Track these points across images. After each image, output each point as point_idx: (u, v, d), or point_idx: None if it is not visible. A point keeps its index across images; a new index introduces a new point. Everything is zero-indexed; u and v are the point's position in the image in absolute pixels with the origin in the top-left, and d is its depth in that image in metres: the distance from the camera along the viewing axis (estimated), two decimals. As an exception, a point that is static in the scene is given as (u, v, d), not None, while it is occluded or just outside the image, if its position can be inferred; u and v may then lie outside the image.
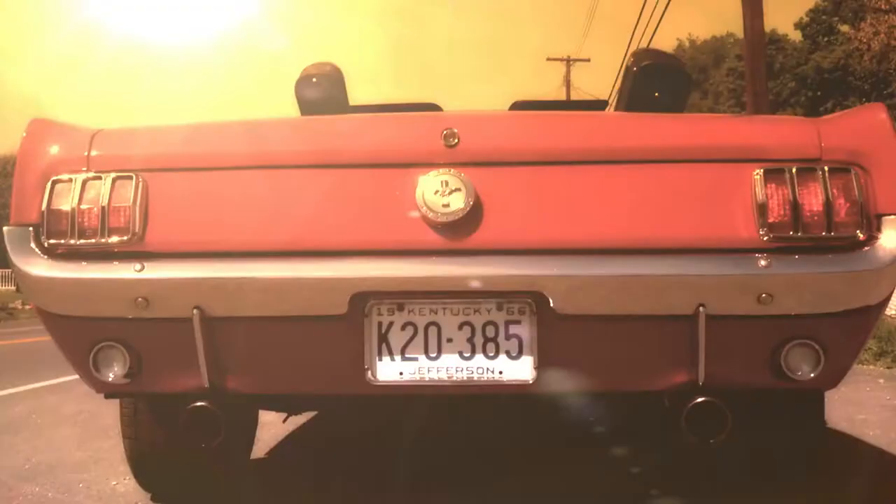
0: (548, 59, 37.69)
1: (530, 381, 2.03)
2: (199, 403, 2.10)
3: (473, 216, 2.00)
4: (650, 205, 2.02)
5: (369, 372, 2.05)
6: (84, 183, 2.12)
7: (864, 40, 26.00)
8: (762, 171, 2.01)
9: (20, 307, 27.80)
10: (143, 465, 2.78)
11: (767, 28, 12.88)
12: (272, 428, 3.95)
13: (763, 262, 1.96)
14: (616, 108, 3.10)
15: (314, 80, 2.88)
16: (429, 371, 2.04)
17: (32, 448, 3.87)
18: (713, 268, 1.96)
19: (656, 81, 2.73)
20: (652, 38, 17.06)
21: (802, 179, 2.00)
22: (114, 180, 2.10)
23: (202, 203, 2.10)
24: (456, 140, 2.05)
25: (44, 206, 2.12)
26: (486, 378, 2.03)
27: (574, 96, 35.83)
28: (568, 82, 36.63)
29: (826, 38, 39.04)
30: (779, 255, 1.97)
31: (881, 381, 6.20)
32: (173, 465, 2.73)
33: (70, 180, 2.13)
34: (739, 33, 13.79)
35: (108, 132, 2.23)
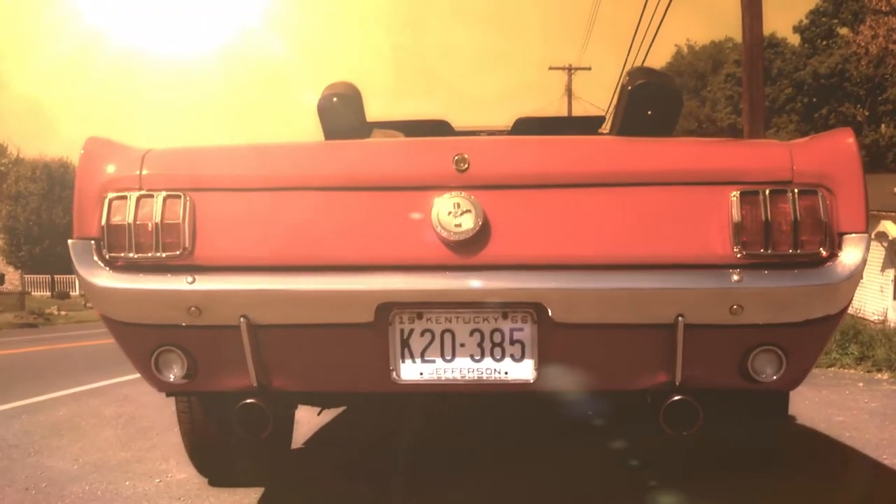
0: (550, 68, 37.76)
1: (531, 381, 2.28)
2: (248, 401, 2.36)
3: (482, 235, 2.23)
4: (637, 224, 2.24)
5: (394, 372, 2.31)
6: (138, 200, 2.31)
7: (863, 43, 25.96)
8: (738, 192, 2.20)
9: (56, 312, 28.03)
10: (198, 454, 3.14)
11: (766, 31, 13.01)
12: (306, 424, 4.33)
13: (735, 277, 2.16)
14: (612, 124, 3.27)
15: (335, 99, 3.07)
16: (444, 372, 2.30)
17: (79, 449, 4.12)
18: (691, 282, 2.18)
19: (649, 100, 2.84)
20: (651, 44, 17.32)
21: (774, 201, 2.19)
22: (164, 199, 2.31)
23: (245, 221, 2.30)
24: (466, 165, 2.27)
25: (103, 222, 2.32)
26: (493, 378, 2.29)
27: (575, 104, 36.08)
28: (569, 91, 36.78)
29: (825, 42, 39.11)
30: (750, 270, 2.18)
31: (861, 384, 6.34)
32: (225, 454, 3.08)
33: (125, 198, 2.32)
34: (738, 38, 13.93)
35: (157, 152, 2.43)
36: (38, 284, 37.95)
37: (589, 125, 4.01)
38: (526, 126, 3.84)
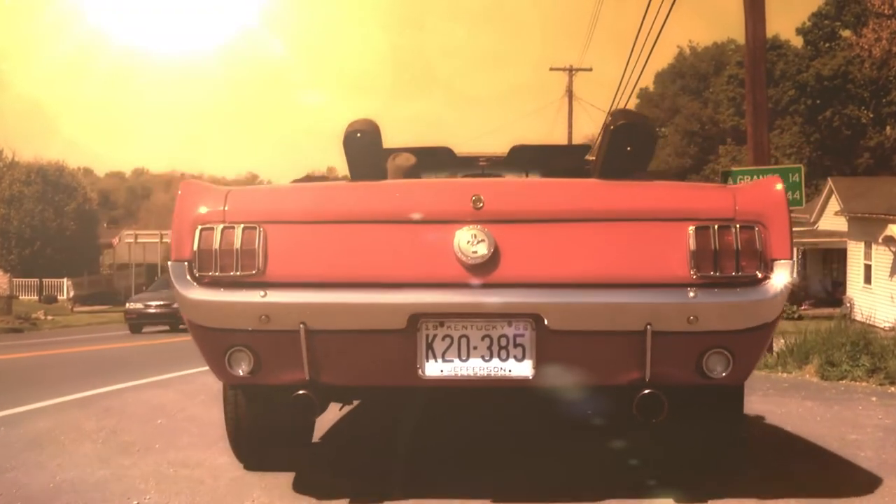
0: (551, 69, 37.54)
1: (530, 377, 2.84)
2: (301, 392, 2.89)
3: (493, 260, 2.80)
4: (615, 251, 2.82)
5: (420, 370, 2.86)
6: (222, 231, 2.90)
7: (866, 46, 25.86)
8: (694, 227, 2.80)
9: (42, 317, 27.72)
10: (239, 441, 3.61)
11: (768, 34, 12.73)
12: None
13: (692, 294, 2.76)
14: (596, 158, 3.65)
15: (358, 134, 3.49)
16: (461, 369, 2.85)
17: (57, 465, 3.95)
18: (658, 298, 2.76)
19: (629, 138, 3.19)
20: (654, 46, 17.17)
21: (721, 234, 2.79)
22: (243, 230, 2.89)
23: (306, 247, 2.90)
24: (481, 203, 2.85)
25: (195, 248, 2.91)
26: (499, 374, 2.84)
27: (576, 106, 36.16)
28: (570, 92, 36.62)
29: (827, 44, 38.98)
30: (703, 288, 2.77)
31: (874, 398, 6.08)
32: (261, 441, 3.62)
33: (212, 229, 2.91)
34: (740, 39, 13.82)
35: (236, 192, 3.05)
36: (27, 288, 37.86)
37: (577, 153, 4.69)
38: (520, 153, 4.61)
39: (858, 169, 37.72)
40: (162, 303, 20.26)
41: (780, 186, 2.93)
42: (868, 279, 26.04)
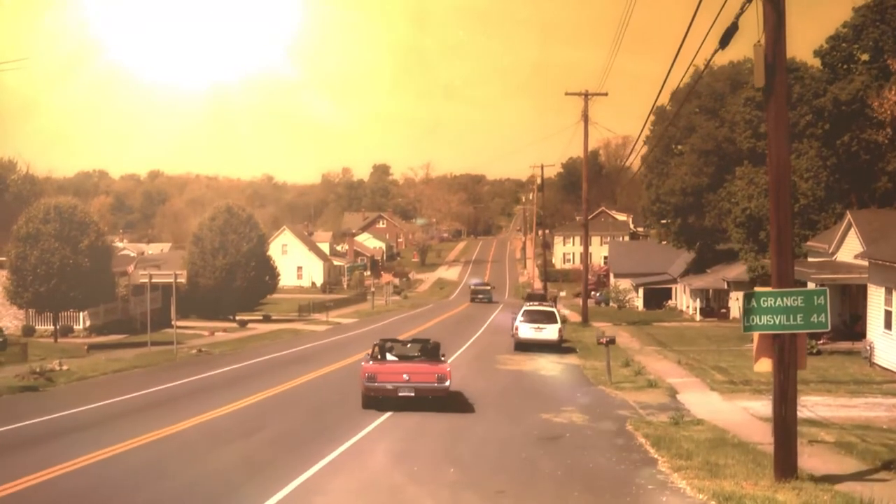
0: (566, 94, 37.47)
1: (413, 396, 18.94)
2: (380, 398, 19.41)
3: (410, 380, 18.99)
4: (430, 378, 18.96)
5: (399, 395, 19.11)
6: (371, 374, 19.22)
7: (887, 108, 25.64)
8: (435, 374, 19.10)
9: (58, 367, 24.58)
10: (366, 402, 19.08)
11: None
12: None
13: (436, 384, 18.97)
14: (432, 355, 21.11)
15: (388, 344, 21.36)
16: (407, 393, 18.95)
17: None
18: (434, 384, 18.98)
19: (436, 350, 20.81)
20: (701, 75, 16.83)
21: (435, 374, 19.14)
22: (373, 374, 19.23)
23: (379, 376, 19.05)
24: (409, 375, 19.04)
25: (367, 375, 18.94)
26: (410, 396, 18.92)
27: (592, 130, 35.89)
28: (586, 116, 36.43)
29: (845, 66, 38.48)
30: (438, 383, 19.08)
31: None
32: (369, 403, 19.06)
33: (368, 373, 18.99)
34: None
35: (373, 366, 19.75)
36: (43, 319, 38.63)
37: (434, 345, 20.69)
38: (414, 341, 22.13)
39: (877, 193, 37.33)
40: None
41: (449, 368, 19.49)
42: (889, 325, 25.74)
